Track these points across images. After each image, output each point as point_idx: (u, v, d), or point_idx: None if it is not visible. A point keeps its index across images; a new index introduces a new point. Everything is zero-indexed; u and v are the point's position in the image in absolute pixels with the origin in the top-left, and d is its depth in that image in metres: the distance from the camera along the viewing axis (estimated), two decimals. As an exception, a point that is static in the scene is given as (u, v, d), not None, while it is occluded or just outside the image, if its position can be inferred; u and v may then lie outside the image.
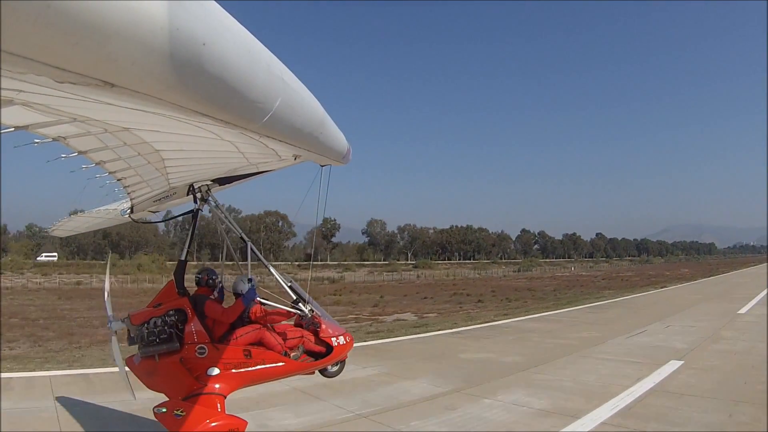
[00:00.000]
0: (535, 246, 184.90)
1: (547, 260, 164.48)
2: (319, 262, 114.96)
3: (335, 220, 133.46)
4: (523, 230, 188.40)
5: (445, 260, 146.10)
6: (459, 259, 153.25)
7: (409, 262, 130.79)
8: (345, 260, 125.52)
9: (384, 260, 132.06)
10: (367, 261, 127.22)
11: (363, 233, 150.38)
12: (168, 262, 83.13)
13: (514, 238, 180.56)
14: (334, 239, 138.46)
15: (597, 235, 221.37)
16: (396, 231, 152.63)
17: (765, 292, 24.75)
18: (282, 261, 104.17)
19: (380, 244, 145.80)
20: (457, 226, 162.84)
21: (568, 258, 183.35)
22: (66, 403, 6.75)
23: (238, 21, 1.67)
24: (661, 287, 32.37)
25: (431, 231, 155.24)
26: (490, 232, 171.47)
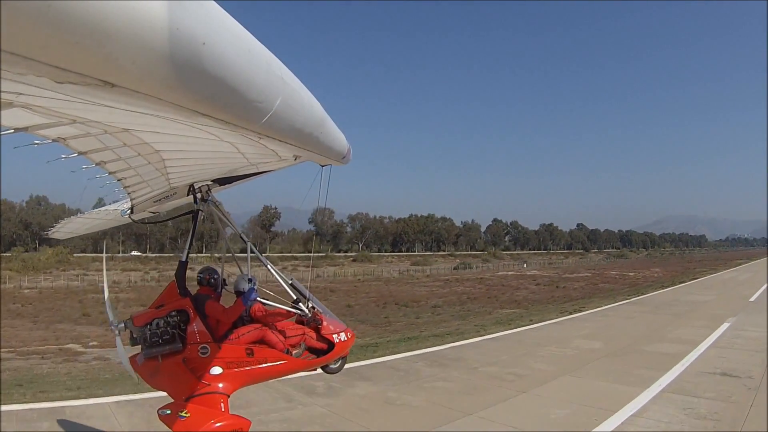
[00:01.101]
0: (507, 237, 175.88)
1: (517, 252, 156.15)
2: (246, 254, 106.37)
3: (276, 208, 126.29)
4: (495, 220, 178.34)
5: (403, 251, 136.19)
6: (422, 250, 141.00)
7: (349, 254, 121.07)
8: (288, 251, 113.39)
9: (333, 251, 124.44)
10: (299, 254, 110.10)
11: (309, 222, 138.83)
12: (74, 255, 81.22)
13: (484, 229, 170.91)
14: (274, 228, 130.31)
15: (578, 225, 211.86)
16: (345, 220, 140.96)
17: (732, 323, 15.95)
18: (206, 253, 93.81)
19: (327, 234, 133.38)
20: (416, 215, 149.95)
21: (544, 250, 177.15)
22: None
23: (238, 21, 1.67)
24: (569, 314, 20.78)
25: (386, 220, 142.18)
26: (459, 222, 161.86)
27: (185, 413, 4.23)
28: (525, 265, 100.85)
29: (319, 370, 5.33)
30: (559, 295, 39.40)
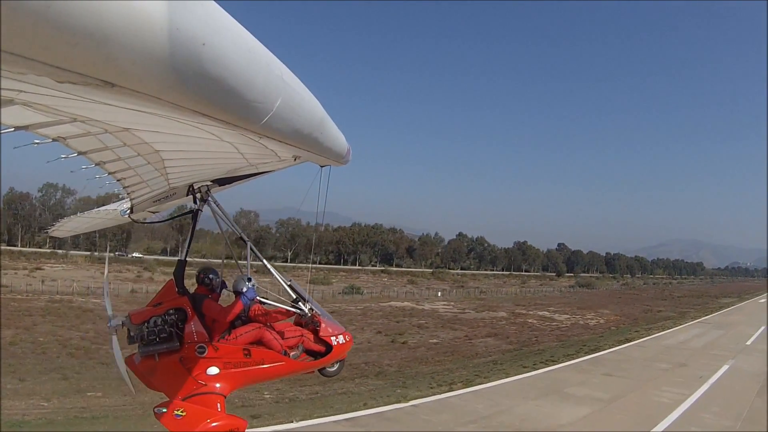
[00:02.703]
0: (472, 254, 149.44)
1: (472, 273, 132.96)
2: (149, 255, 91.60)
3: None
4: (459, 234, 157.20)
5: (337, 264, 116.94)
6: (368, 264, 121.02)
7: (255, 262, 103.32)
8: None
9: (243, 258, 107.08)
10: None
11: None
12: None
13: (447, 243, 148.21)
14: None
15: (558, 245, 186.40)
16: (272, 225, 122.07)
17: None
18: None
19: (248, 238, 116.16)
20: (359, 225, 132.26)
21: (515, 271, 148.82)
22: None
23: (238, 21, 1.67)
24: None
25: (323, 228, 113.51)
26: (416, 234, 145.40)
27: (181, 412, 4.21)
28: (439, 294, 78.49)
29: (316, 373, 5.30)
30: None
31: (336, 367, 5.39)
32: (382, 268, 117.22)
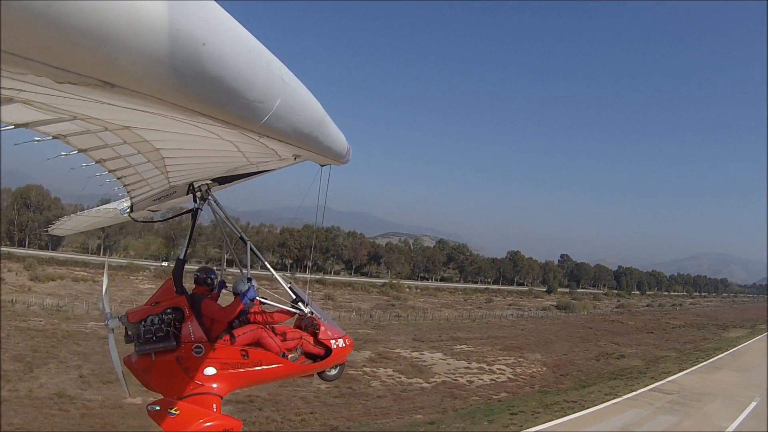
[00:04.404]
0: (452, 264, 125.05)
1: (451, 285, 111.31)
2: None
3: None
4: (440, 241, 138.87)
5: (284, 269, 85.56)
6: (334, 271, 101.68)
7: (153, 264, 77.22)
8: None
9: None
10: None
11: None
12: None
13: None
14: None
15: (561, 257, 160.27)
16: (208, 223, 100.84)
17: None
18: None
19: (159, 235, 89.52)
20: (310, 226, 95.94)
21: (505, 284, 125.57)
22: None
23: (239, 21, 1.67)
24: None
25: (266, 230, 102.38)
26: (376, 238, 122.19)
27: (175, 410, 4.19)
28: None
29: (316, 377, 5.26)
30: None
31: (335, 371, 5.35)
32: (318, 276, 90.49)
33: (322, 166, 3.68)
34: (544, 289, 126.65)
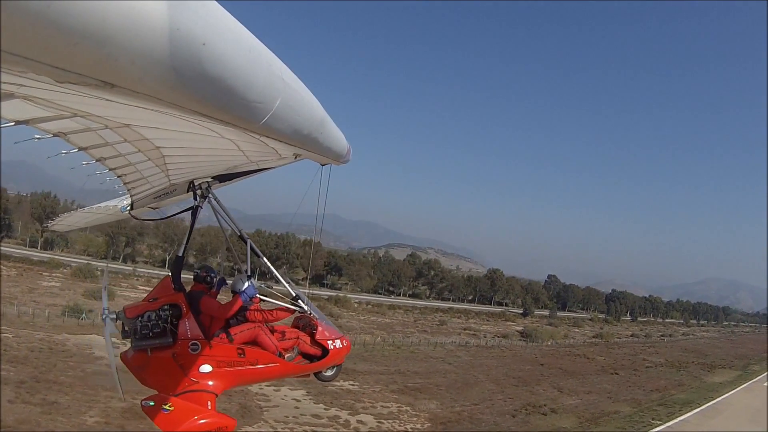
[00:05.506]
0: (421, 280, 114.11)
1: (415, 303, 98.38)
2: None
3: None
4: (410, 255, 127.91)
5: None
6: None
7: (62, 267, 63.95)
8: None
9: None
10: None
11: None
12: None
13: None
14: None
15: (548, 277, 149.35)
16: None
17: None
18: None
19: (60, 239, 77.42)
20: (261, 231, 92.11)
21: (485, 304, 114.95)
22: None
23: (239, 21, 1.67)
24: None
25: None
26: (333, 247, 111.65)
27: (169, 407, 4.18)
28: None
29: (312, 377, 5.24)
30: None
31: (332, 372, 5.35)
32: (261, 283, 62.39)
33: (323, 165, 3.69)
34: (519, 312, 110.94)
